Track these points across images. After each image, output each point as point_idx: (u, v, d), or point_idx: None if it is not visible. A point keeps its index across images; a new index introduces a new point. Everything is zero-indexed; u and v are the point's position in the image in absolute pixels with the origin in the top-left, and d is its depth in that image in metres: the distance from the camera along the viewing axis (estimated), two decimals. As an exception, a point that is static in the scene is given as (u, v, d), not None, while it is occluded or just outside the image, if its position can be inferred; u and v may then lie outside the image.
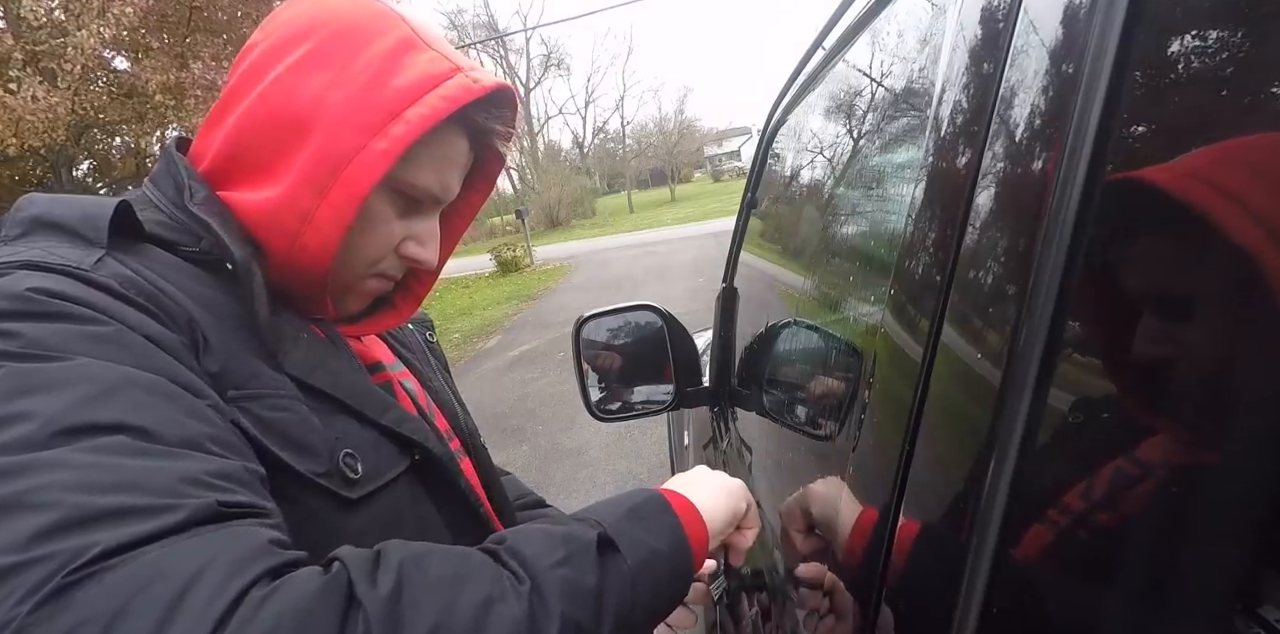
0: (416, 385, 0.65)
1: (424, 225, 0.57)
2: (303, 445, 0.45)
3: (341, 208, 0.49)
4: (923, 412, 0.37)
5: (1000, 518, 0.29)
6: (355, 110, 0.48)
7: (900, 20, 0.59)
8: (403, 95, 0.49)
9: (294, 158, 0.49)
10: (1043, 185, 0.29)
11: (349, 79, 0.49)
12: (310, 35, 0.50)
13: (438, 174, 0.54)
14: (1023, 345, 0.29)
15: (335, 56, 0.49)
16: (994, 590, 0.30)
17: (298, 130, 0.49)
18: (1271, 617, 0.20)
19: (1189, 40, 0.24)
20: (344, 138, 0.48)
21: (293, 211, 0.49)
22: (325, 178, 0.48)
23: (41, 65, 4.77)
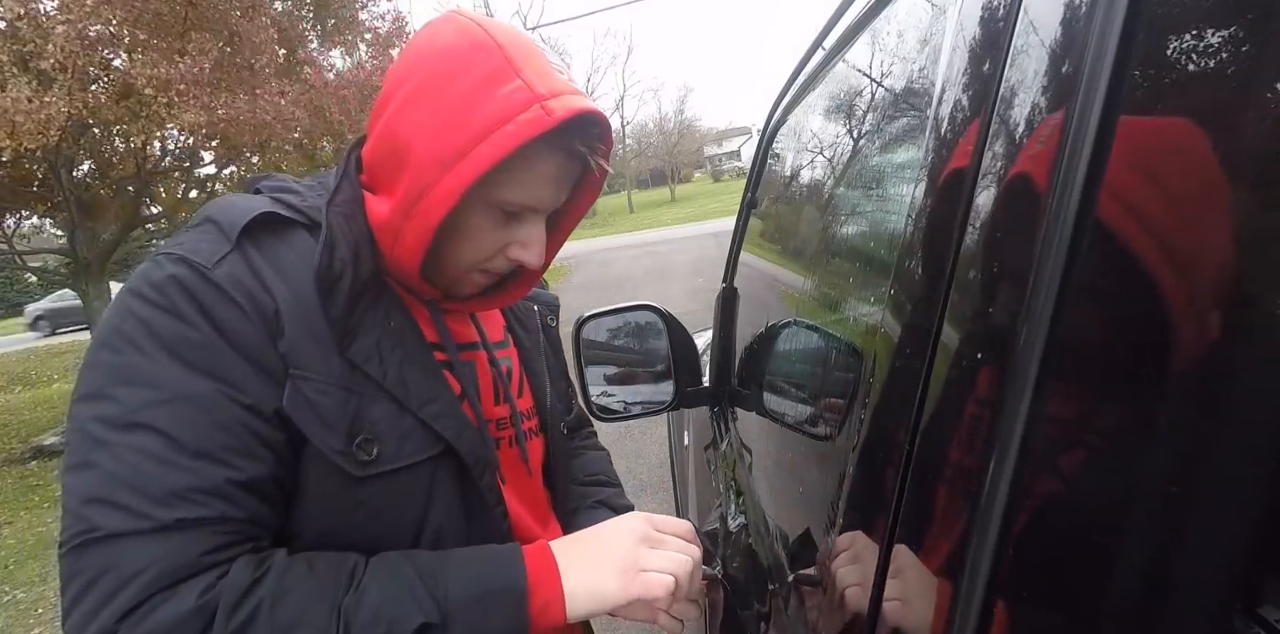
0: (515, 364, 0.75)
1: (527, 231, 0.63)
2: (329, 425, 0.55)
3: (420, 232, 0.58)
4: (923, 412, 0.37)
5: (1000, 518, 0.29)
6: (437, 148, 0.56)
7: (900, 20, 0.59)
8: (475, 134, 0.55)
9: (398, 183, 0.58)
10: (1043, 185, 0.29)
11: (438, 117, 0.56)
12: (416, 71, 0.58)
13: (529, 190, 0.60)
14: (1023, 345, 0.29)
15: (430, 95, 0.56)
16: (994, 590, 0.30)
17: (399, 161, 0.58)
18: (1271, 617, 0.20)
19: (1189, 40, 0.24)
20: (427, 172, 0.56)
21: (390, 227, 0.59)
22: (410, 206, 0.57)
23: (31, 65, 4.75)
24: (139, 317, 0.52)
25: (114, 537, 0.48)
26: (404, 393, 0.58)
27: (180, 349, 0.51)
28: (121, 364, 0.51)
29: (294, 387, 0.54)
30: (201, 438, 0.50)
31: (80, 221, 6.60)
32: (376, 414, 0.57)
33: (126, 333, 0.51)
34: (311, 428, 0.54)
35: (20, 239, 8.08)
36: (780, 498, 0.78)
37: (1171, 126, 0.26)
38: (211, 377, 0.51)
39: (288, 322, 0.54)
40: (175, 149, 7.07)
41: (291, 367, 0.54)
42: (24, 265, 7.88)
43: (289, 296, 0.55)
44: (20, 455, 6.16)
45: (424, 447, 0.59)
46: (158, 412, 0.50)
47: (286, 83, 5.85)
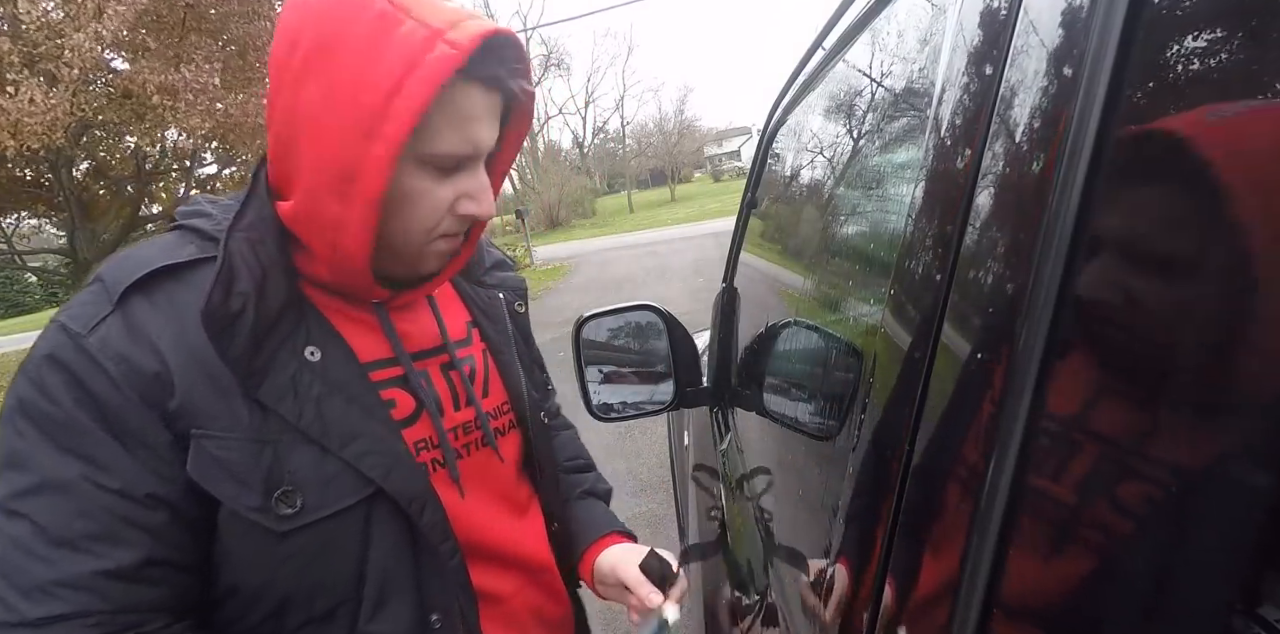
0: (481, 361, 0.70)
1: (470, 182, 0.58)
2: (241, 482, 0.52)
3: (364, 212, 0.52)
4: (923, 412, 0.37)
5: (1000, 518, 0.29)
6: (351, 116, 0.50)
7: (900, 20, 0.59)
8: (387, 89, 0.49)
9: (318, 171, 0.52)
10: (1043, 185, 0.29)
11: (339, 83, 0.50)
12: (298, 46, 0.51)
13: (461, 135, 0.54)
14: (1023, 345, 0.29)
15: (320, 64, 0.50)
16: (994, 590, 0.30)
17: (310, 144, 0.52)
18: (1271, 617, 0.20)
19: (1189, 40, 0.24)
20: (349, 146, 0.50)
21: (323, 219, 0.53)
22: (343, 187, 0.51)
23: (39, 67, 4.76)
24: (20, 395, 0.50)
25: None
26: (322, 433, 0.54)
27: (49, 430, 0.49)
28: (7, 446, 0.50)
29: (196, 447, 0.51)
30: (63, 527, 0.48)
31: (80, 222, 6.61)
32: (296, 461, 0.53)
33: (11, 411, 0.50)
34: (222, 489, 0.51)
35: (20, 239, 8.08)
36: (780, 498, 0.78)
37: (1171, 127, 0.26)
38: (79, 458, 0.49)
39: (179, 378, 0.51)
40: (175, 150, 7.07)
41: (191, 426, 0.51)
42: (24, 265, 7.89)
43: (183, 349, 0.51)
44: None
45: (352, 490, 0.55)
46: (28, 500, 0.48)
47: None
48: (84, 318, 0.51)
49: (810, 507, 0.63)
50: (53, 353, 0.50)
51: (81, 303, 0.52)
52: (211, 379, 0.52)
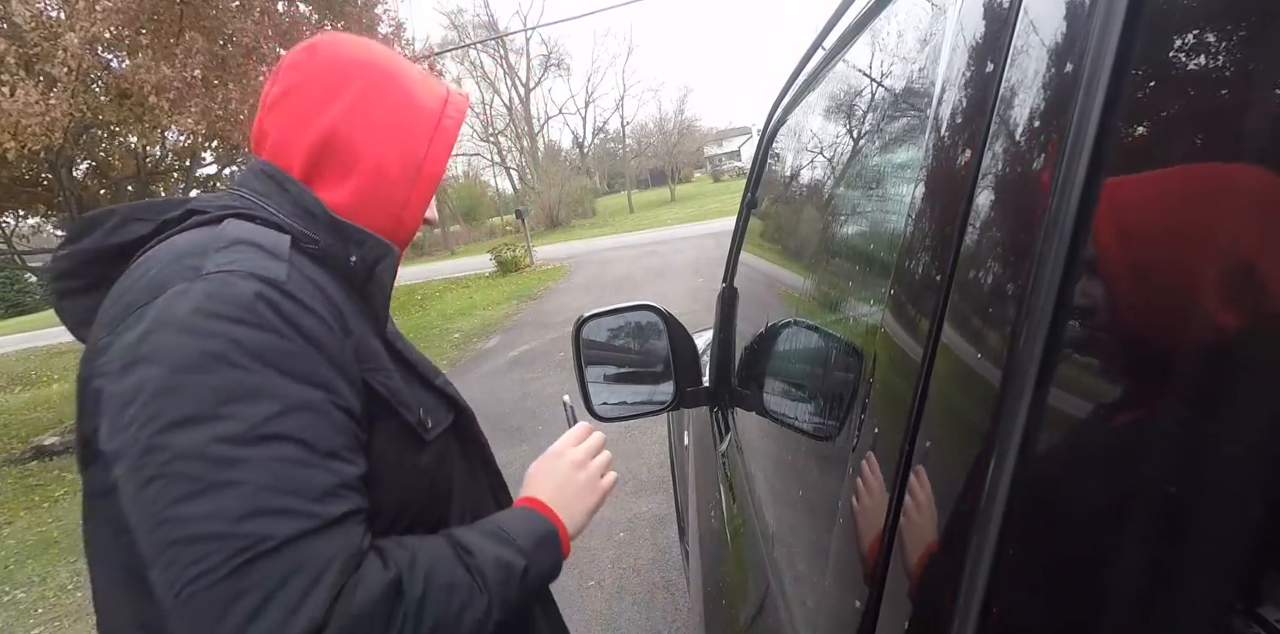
0: None
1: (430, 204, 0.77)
2: (406, 403, 0.64)
3: (427, 190, 0.71)
4: (923, 412, 0.37)
5: (1000, 518, 0.29)
6: (420, 128, 0.70)
7: (900, 20, 0.59)
8: (439, 111, 0.71)
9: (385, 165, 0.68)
10: (1043, 185, 0.29)
11: (404, 105, 0.69)
12: (352, 78, 0.68)
13: None
14: (1023, 345, 0.29)
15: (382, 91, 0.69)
16: (994, 590, 0.30)
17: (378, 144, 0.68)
18: (1271, 617, 0.20)
19: (1189, 40, 0.24)
20: (417, 145, 0.69)
21: (394, 198, 0.69)
22: (414, 173, 0.69)
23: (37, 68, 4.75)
24: (228, 336, 0.51)
25: (290, 540, 0.49)
26: (424, 368, 0.71)
27: (280, 362, 0.53)
28: (223, 383, 0.50)
29: (374, 379, 0.61)
30: (327, 440, 0.54)
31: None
32: (416, 390, 0.68)
33: (217, 352, 0.51)
34: (399, 404, 0.63)
35: (20, 239, 8.07)
36: (780, 498, 0.78)
37: (1171, 127, 0.26)
38: (314, 385, 0.54)
39: (349, 321, 0.61)
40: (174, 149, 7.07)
41: (362, 362, 0.60)
42: (24, 265, 7.88)
43: (340, 299, 0.61)
44: (20, 455, 6.15)
45: (446, 413, 0.72)
46: (284, 422, 0.51)
47: None
48: (274, 268, 0.56)
49: (810, 507, 0.63)
50: (263, 295, 0.54)
51: (250, 260, 0.56)
52: (361, 322, 0.63)
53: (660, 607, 2.37)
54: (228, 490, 0.48)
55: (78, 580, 3.51)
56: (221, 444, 0.49)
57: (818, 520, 0.57)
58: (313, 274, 0.60)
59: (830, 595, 0.49)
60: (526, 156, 38.43)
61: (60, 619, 3.12)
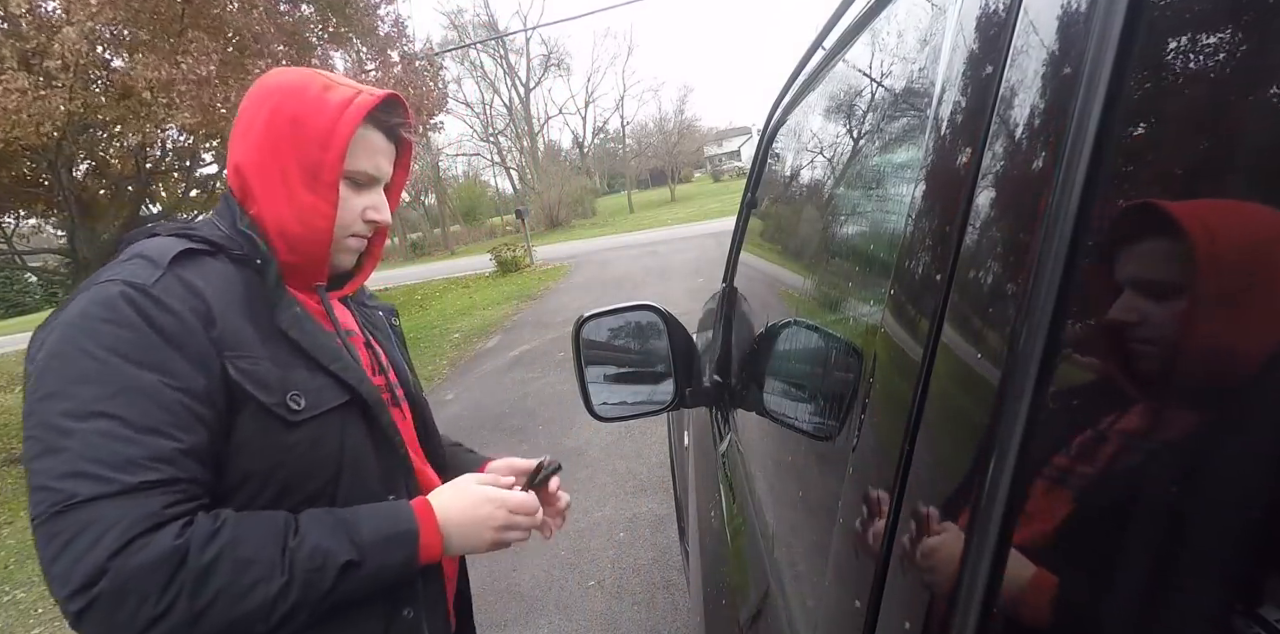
0: (380, 351, 0.92)
1: (375, 197, 0.85)
2: (265, 385, 0.71)
3: (328, 194, 0.78)
4: (923, 412, 0.37)
5: (1000, 518, 0.29)
6: (314, 137, 0.77)
7: (900, 20, 0.59)
8: (333, 118, 0.77)
9: (288, 173, 0.77)
10: (1043, 185, 0.29)
11: (301, 118, 0.77)
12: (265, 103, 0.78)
13: (370, 161, 0.81)
14: (1023, 345, 0.29)
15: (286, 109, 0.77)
16: (994, 590, 0.30)
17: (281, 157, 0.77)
18: (1271, 617, 0.20)
19: (1189, 40, 0.24)
20: (311, 154, 0.77)
21: (302, 206, 0.78)
22: (312, 179, 0.78)
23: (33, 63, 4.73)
24: (88, 330, 0.65)
25: (90, 500, 0.60)
26: (319, 353, 0.76)
27: (124, 350, 0.64)
28: (75, 368, 0.64)
29: (233, 364, 0.70)
30: (148, 417, 0.64)
31: (80, 221, 6.60)
32: (299, 376, 0.74)
33: (77, 342, 0.64)
34: (254, 387, 0.70)
35: (20, 239, 8.07)
36: (780, 498, 0.78)
37: (1171, 127, 0.26)
38: (153, 369, 0.65)
39: (219, 315, 0.70)
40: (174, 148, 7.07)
41: (226, 349, 0.70)
42: (24, 265, 7.88)
43: (219, 297, 0.71)
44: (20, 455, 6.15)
45: (335, 396, 0.77)
46: (111, 401, 0.63)
47: None
48: (143, 275, 0.68)
49: (810, 507, 0.63)
50: (124, 294, 0.66)
51: (131, 270, 0.69)
52: (242, 320, 0.72)
53: (660, 607, 2.37)
54: (58, 454, 0.62)
55: (78, 580, 3.51)
56: (63, 417, 0.62)
57: (818, 520, 0.57)
58: (209, 275, 0.72)
59: (830, 595, 0.49)
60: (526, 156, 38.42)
61: (60, 619, 3.12)
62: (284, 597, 0.65)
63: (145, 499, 0.61)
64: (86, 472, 0.60)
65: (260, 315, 0.74)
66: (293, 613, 0.66)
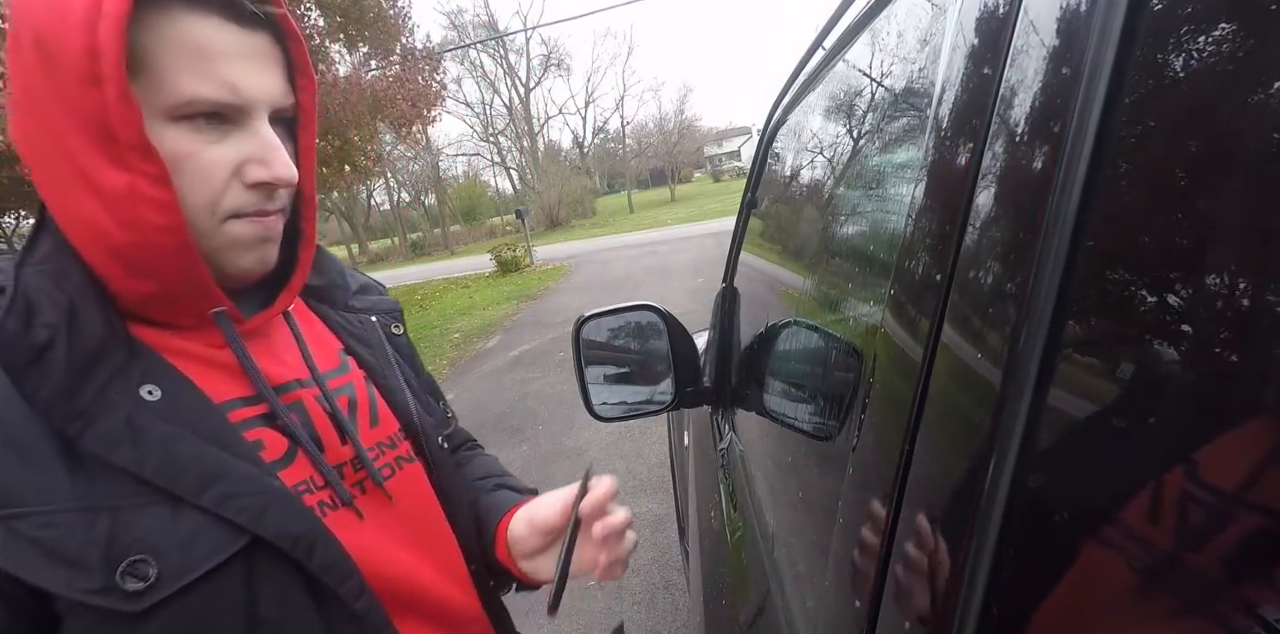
0: (362, 389, 0.62)
1: (252, 141, 0.48)
2: (73, 562, 0.42)
3: (145, 164, 0.44)
4: (923, 412, 0.37)
5: (1000, 518, 0.29)
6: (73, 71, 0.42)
7: (900, 20, 0.59)
8: (83, 21, 0.41)
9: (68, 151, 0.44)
10: (1043, 185, 0.29)
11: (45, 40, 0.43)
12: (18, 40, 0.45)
13: (206, 75, 0.45)
14: (1023, 345, 0.29)
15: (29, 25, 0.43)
16: (994, 590, 0.30)
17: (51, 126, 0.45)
18: (1271, 617, 0.20)
19: (1189, 40, 0.24)
20: (88, 101, 0.42)
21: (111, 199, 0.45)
22: (111, 147, 0.43)
23: None
24: None
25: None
26: (173, 480, 0.45)
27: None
28: None
29: (7, 531, 0.41)
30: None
31: (80, 221, 6.60)
32: (144, 523, 0.44)
33: None
34: (48, 576, 0.42)
35: (20, 239, 8.06)
36: (780, 498, 0.78)
37: (1171, 126, 0.26)
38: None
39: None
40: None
41: None
42: (24, 265, 7.87)
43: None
44: (20, 455, 6.15)
45: (221, 545, 0.46)
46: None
47: None
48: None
49: (810, 507, 0.63)
50: None
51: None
52: (11, 446, 0.42)
53: (661, 607, 2.37)
54: None
55: (78, 580, 3.51)
56: None
57: (818, 521, 0.57)
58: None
59: (830, 595, 0.49)
60: (526, 156, 38.43)
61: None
62: None
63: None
64: None
65: (63, 426, 0.43)
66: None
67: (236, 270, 0.52)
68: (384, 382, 0.64)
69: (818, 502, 0.59)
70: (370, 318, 0.68)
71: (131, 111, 0.43)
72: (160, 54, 0.44)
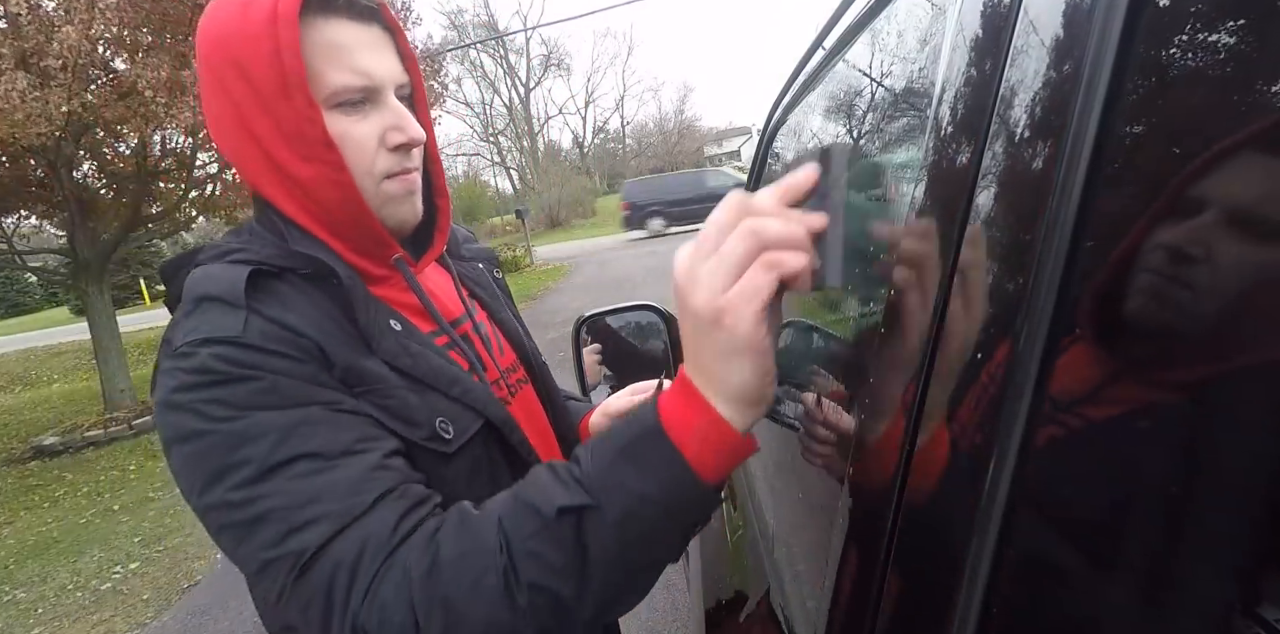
0: (489, 326, 0.79)
1: (387, 114, 0.62)
2: (410, 420, 0.61)
3: (328, 154, 0.60)
4: (923, 412, 0.37)
5: (1000, 518, 0.29)
6: (270, 89, 0.57)
7: (900, 20, 0.59)
8: (270, 49, 0.56)
9: (269, 152, 0.60)
10: (1043, 185, 0.29)
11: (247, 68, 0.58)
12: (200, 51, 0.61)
13: (344, 66, 0.59)
14: (1023, 345, 0.29)
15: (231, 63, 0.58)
16: (994, 590, 0.30)
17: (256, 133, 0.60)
18: (1271, 617, 0.20)
19: (1189, 40, 0.24)
20: (284, 109, 0.58)
21: (313, 184, 0.61)
22: (303, 148, 0.59)
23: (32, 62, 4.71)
24: (204, 400, 0.53)
25: (324, 545, 0.51)
26: (435, 380, 0.64)
27: (260, 401, 0.54)
28: (222, 444, 0.52)
29: (366, 401, 0.59)
30: (335, 443, 0.54)
31: (80, 221, 6.60)
32: (432, 400, 0.63)
33: (203, 416, 0.53)
34: (400, 424, 0.60)
35: (21, 239, 8.07)
36: (780, 498, 0.78)
37: (1171, 126, 0.26)
38: (304, 405, 0.55)
39: (330, 351, 0.58)
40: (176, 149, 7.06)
41: (354, 386, 0.59)
42: (24, 265, 7.88)
43: (316, 328, 0.58)
44: (20, 455, 6.16)
45: (471, 421, 0.66)
46: (285, 447, 0.53)
47: None
48: (226, 327, 0.55)
49: (810, 507, 0.63)
50: (216, 354, 0.54)
51: (210, 323, 0.56)
52: (349, 348, 0.60)
53: (660, 607, 2.37)
54: (261, 524, 0.51)
55: (78, 580, 3.51)
56: (238, 490, 0.52)
57: (817, 521, 0.57)
58: (288, 301, 0.59)
59: (830, 595, 0.49)
60: (526, 156, 38.42)
61: (60, 619, 3.12)
62: (513, 581, 0.47)
63: (376, 520, 0.51)
64: (306, 520, 0.51)
65: (362, 341, 0.61)
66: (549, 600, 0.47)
67: (396, 222, 0.67)
68: (499, 316, 0.82)
69: (818, 502, 0.59)
70: (478, 264, 0.85)
71: (315, 113, 0.58)
72: (311, 57, 0.58)
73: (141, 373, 8.25)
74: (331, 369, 0.58)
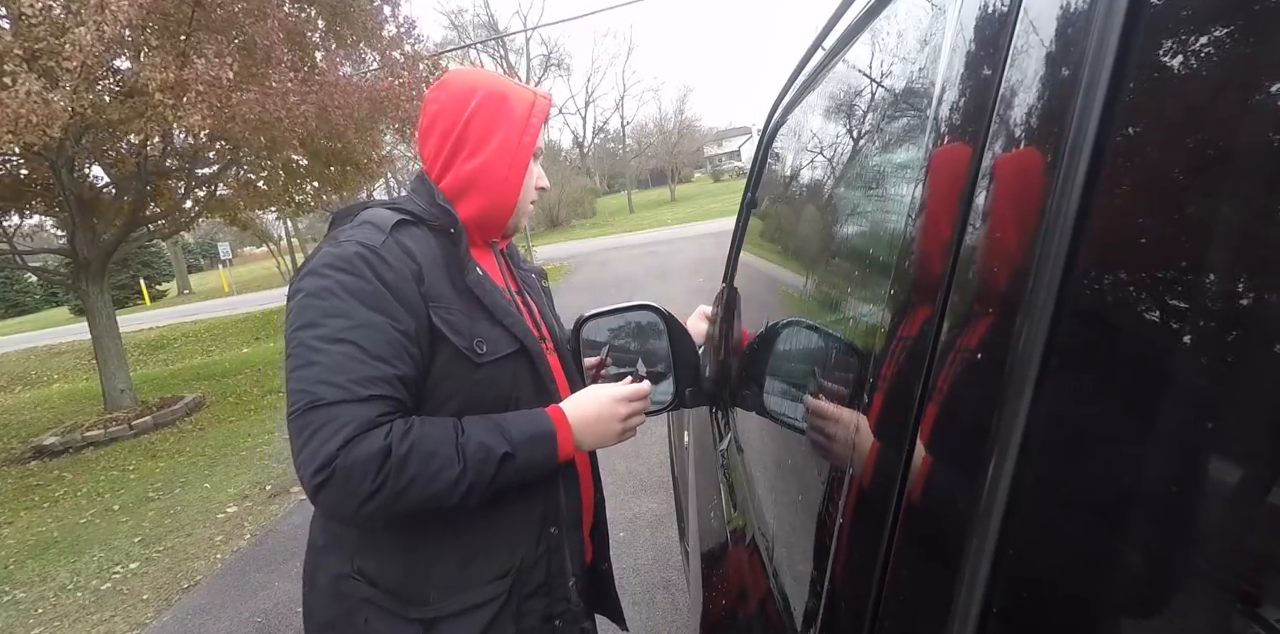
0: (534, 307, 1.11)
1: (537, 166, 1.05)
2: (459, 331, 0.92)
3: (520, 171, 1.00)
4: (923, 411, 0.37)
5: (1000, 518, 0.29)
6: (515, 130, 0.99)
7: (900, 20, 0.59)
8: (525, 116, 0.99)
9: (488, 155, 0.98)
10: (1043, 185, 0.29)
11: (502, 116, 0.98)
12: (468, 101, 0.98)
13: (538, 140, 1.02)
14: (1023, 345, 0.29)
15: (491, 111, 0.98)
16: (994, 590, 0.30)
17: (488, 144, 0.98)
18: (1271, 617, 0.20)
19: (1188, 40, 0.24)
20: (515, 140, 0.99)
21: (496, 178, 0.99)
22: (511, 160, 0.99)
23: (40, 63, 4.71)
24: (335, 278, 0.85)
25: (332, 403, 0.80)
26: (494, 308, 0.96)
27: (361, 297, 0.85)
28: (327, 306, 0.84)
29: (436, 313, 0.90)
30: (379, 348, 0.84)
31: (80, 221, 6.59)
32: (481, 327, 0.94)
33: (328, 287, 0.85)
34: (450, 333, 0.90)
35: (21, 239, 8.06)
36: (780, 498, 0.78)
37: (1171, 127, 0.26)
38: (381, 313, 0.85)
39: (427, 274, 0.90)
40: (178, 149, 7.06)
41: (430, 301, 0.90)
42: (24, 265, 7.87)
43: (426, 259, 0.91)
44: (20, 455, 6.16)
45: (508, 344, 0.96)
46: (352, 332, 0.83)
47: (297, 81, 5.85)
48: (373, 238, 0.89)
49: (810, 507, 0.63)
50: (360, 254, 0.86)
51: (364, 233, 0.90)
52: (442, 279, 0.92)
53: (660, 607, 2.37)
54: (313, 367, 0.82)
55: (78, 580, 3.51)
56: (317, 340, 0.83)
57: (818, 520, 0.57)
58: (416, 241, 0.92)
59: (830, 595, 0.49)
60: (527, 157, 38.30)
61: (60, 619, 3.12)
62: (461, 480, 0.84)
63: (370, 407, 0.81)
64: (333, 381, 0.81)
65: (453, 275, 0.93)
66: (469, 493, 0.85)
67: (513, 227, 1.07)
68: (541, 313, 1.13)
69: (818, 502, 0.59)
70: (533, 275, 1.20)
71: (529, 151, 1.01)
72: None
73: (141, 373, 8.26)
74: (421, 284, 0.89)
